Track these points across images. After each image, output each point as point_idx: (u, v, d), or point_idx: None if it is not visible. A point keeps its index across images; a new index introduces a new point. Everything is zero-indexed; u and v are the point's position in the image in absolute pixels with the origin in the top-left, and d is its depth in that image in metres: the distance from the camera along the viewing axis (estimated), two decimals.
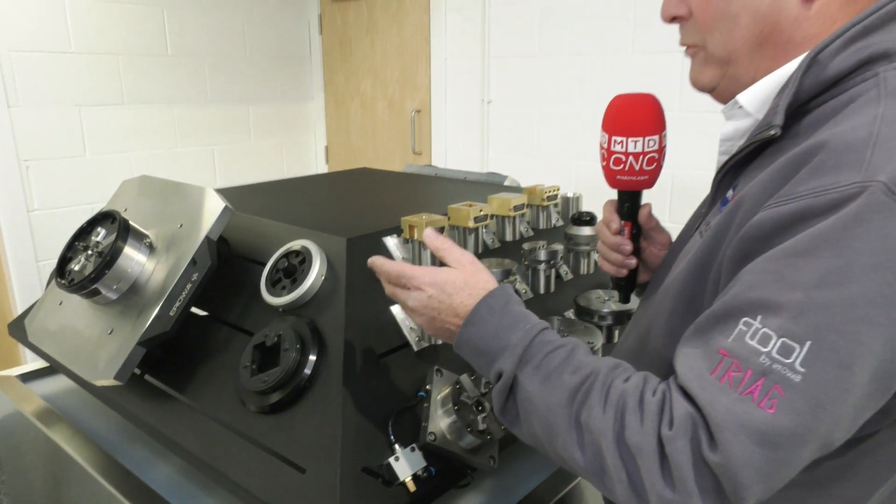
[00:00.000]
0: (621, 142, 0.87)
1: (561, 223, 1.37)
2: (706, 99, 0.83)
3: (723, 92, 0.77)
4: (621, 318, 1.16)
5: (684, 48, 0.80)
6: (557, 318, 1.17)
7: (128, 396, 1.08)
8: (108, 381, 0.98)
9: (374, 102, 3.81)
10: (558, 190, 1.31)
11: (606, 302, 1.20)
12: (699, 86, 0.79)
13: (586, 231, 1.26)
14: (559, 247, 1.18)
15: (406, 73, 3.62)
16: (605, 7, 2.75)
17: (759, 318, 0.58)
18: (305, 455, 0.85)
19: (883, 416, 0.63)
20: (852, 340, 0.55)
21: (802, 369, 0.55)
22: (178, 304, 1.01)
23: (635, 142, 0.86)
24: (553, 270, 1.20)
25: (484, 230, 1.18)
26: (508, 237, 1.22)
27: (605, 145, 0.89)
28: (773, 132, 0.66)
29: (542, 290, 1.20)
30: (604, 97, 0.94)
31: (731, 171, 0.75)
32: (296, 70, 3.91)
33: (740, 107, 0.74)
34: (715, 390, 0.58)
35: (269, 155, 3.82)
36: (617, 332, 1.19)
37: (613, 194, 0.95)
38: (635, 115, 0.87)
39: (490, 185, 1.53)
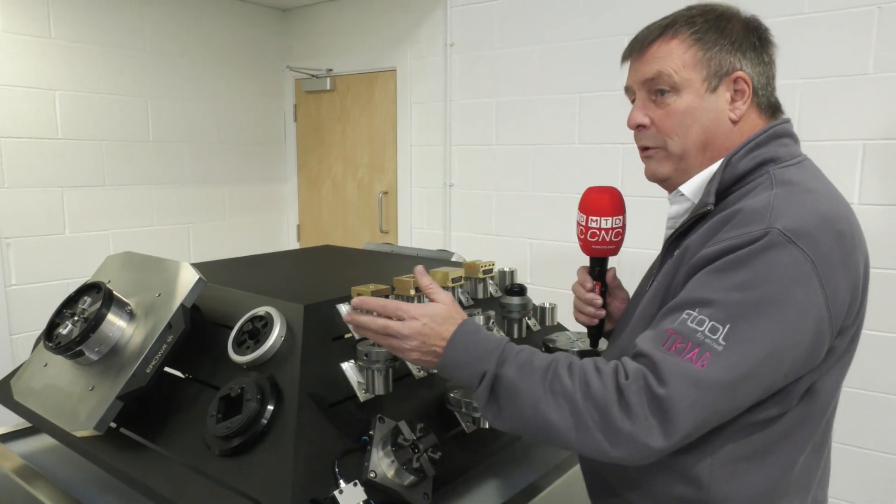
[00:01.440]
0: (596, 220, 1.16)
1: (499, 294, 1.55)
2: (642, 184, 1.14)
3: (673, 182, 1.06)
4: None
5: (642, 149, 1.08)
6: None
7: (104, 448, 1.20)
8: (88, 432, 1.11)
9: (345, 184, 4.05)
10: (493, 265, 1.50)
11: (575, 343, 1.39)
12: (657, 177, 1.08)
13: (517, 301, 1.44)
14: (491, 312, 1.35)
15: (374, 157, 3.87)
16: (553, 105, 3.05)
17: (697, 309, 0.87)
18: (262, 490, 0.98)
19: (786, 397, 0.92)
20: (754, 327, 0.84)
21: (724, 343, 0.84)
22: (153, 362, 1.15)
23: (606, 220, 1.16)
24: None
25: (426, 299, 1.35)
26: None
27: (583, 223, 1.18)
28: (708, 207, 0.99)
29: None
30: (553, 182, 1.23)
31: (676, 240, 1.04)
32: (271, 154, 4.15)
33: (682, 194, 1.05)
34: (664, 353, 0.86)
35: (243, 233, 3.99)
36: None
37: (557, 268, 1.22)
38: (606, 201, 1.17)
39: (438, 260, 1.72)
